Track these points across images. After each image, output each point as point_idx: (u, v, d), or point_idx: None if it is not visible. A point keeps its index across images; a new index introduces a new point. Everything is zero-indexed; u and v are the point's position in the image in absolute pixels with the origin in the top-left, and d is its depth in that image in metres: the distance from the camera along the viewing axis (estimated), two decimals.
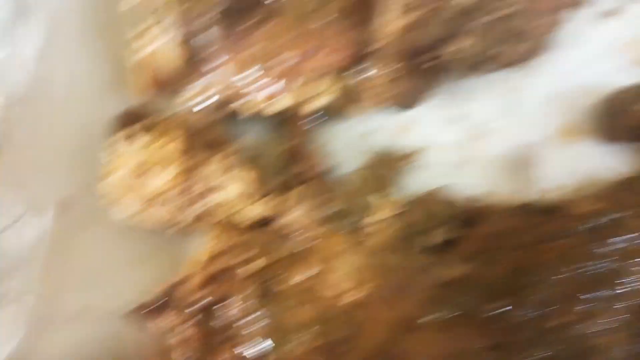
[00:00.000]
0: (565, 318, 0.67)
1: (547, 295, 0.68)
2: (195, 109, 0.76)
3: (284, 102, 0.75)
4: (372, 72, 0.73)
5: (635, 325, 0.68)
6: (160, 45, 0.73)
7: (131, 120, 0.77)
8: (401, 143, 0.81)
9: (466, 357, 0.67)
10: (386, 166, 0.80)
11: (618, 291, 0.69)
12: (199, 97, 0.76)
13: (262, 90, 0.75)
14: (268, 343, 0.65)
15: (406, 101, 0.74)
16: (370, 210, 0.74)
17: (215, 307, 0.66)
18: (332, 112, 0.80)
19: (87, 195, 0.75)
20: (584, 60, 0.83)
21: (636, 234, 0.69)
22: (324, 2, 0.73)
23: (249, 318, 0.66)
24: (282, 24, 0.74)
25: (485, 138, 0.81)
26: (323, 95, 0.74)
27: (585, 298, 0.68)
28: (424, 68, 0.75)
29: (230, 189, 0.68)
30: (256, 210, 0.68)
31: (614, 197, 0.74)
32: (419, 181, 0.80)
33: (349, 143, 0.82)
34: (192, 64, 0.75)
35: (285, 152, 0.76)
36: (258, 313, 0.67)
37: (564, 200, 0.76)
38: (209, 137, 0.72)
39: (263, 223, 0.70)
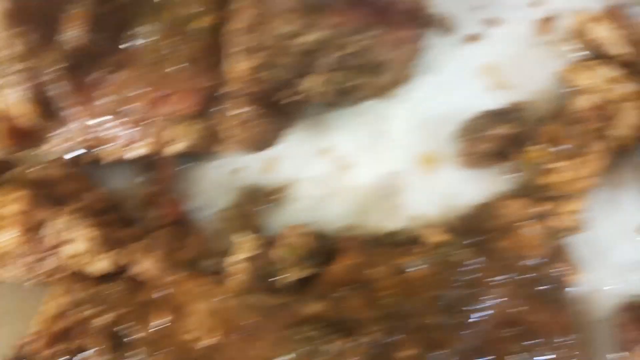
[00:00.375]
0: (414, 347, 0.69)
1: (397, 326, 0.70)
2: (54, 161, 0.77)
3: (140, 148, 0.75)
4: (226, 115, 0.75)
5: (483, 351, 0.70)
6: (10, 100, 0.73)
7: None
8: (269, 179, 0.83)
9: None
10: (253, 203, 0.81)
11: (466, 318, 0.71)
12: (57, 148, 0.77)
13: (119, 137, 0.76)
14: None
15: (261, 143, 0.75)
16: (232, 251, 0.75)
17: None
18: (199, 153, 0.81)
19: None
20: (446, 87, 0.85)
21: (479, 264, 0.71)
22: (172, 50, 0.74)
23: None
24: (132, 72, 0.74)
25: (351, 169, 0.82)
26: (180, 140, 0.75)
27: (433, 326, 0.71)
28: (280, 107, 0.77)
29: (77, 243, 0.68)
30: (102, 263, 0.68)
31: (463, 225, 0.77)
32: (287, 216, 0.81)
33: (218, 182, 0.82)
34: (47, 116, 0.74)
35: (146, 197, 0.77)
36: None
37: (422, 230, 0.78)
38: (61, 190, 0.72)
39: (116, 273, 0.71)
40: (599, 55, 0.85)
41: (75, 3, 0.71)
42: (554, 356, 0.70)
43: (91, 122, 0.76)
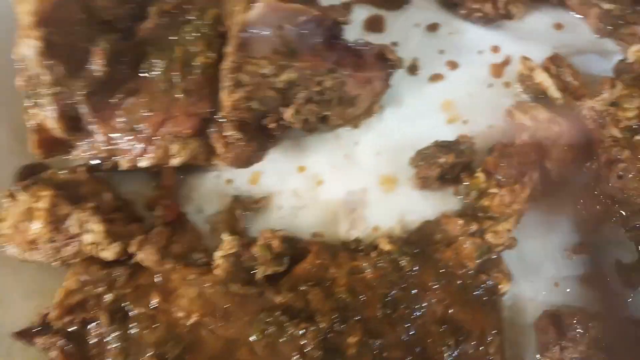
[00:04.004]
0: (360, 335, 0.83)
1: (347, 316, 0.84)
2: (79, 166, 0.93)
3: (149, 159, 0.91)
4: (219, 136, 0.90)
5: (418, 342, 0.84)
6: (43, 117, 0.90)
7: (27, 174, 0.94)
8: (254, 189, 0.99)
9: None
10: (240, 209, 0.97)
11: (406, 314, 0.85)
12: (83, 155, 0.93)
13: (133, 149, 0.92)
14: None
15: (246, 160, 0.91)
16: (221, 246, 0.91)
17: (73, 332, 0.83)
18: (198, 165, 0.97)
19: None
20: (409, 119, 1.01)
21: (420, 269, 0.86)
22: (179, 80, 0.89)
23: (104, 341, 0.83)
24: (146, 97, 0.90)
25: (323, 185, 0.98)
26: (180, 154, 0.91)
27: (377, 318, 0.85)
28: (265, 131, 0.92)
29: (86, 237, 0.85)
30: (112, 250, 0.84)
31: (413, 237, 0.91)
32: (267, 222, 0.97)
33: (212, 190, 0.99)
34: (74, 130, 0.91)
35: (151, 200, 0.93)
36: (111, 336, 0.83)
37: (378, 239, 0.92)
38: (84, 190, 0.89)
39: (124, 260, 0.87)
40: (540, 97, 1.00)
41: (98, 41, 0.88)
42: (475, 350, 0.85)
43: (111, 136, 0.93)
